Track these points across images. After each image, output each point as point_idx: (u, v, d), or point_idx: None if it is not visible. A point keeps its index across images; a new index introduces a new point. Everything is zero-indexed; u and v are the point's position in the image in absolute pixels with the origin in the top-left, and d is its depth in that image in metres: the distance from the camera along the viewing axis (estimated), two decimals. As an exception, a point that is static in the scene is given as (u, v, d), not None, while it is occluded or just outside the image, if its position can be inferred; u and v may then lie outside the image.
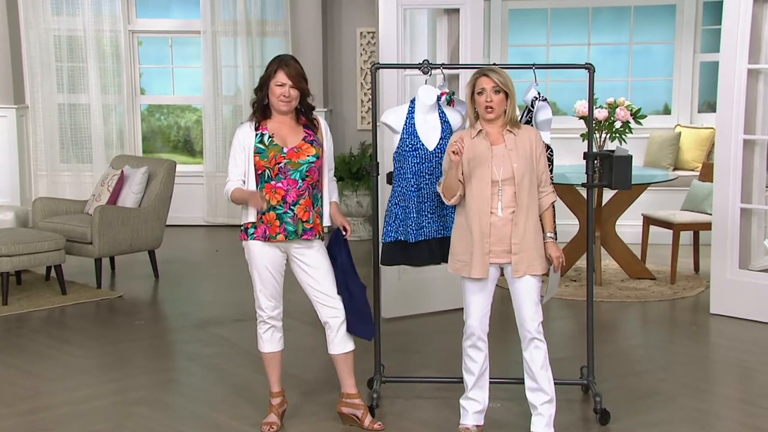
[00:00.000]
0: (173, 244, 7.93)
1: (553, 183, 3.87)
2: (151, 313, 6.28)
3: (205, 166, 9.17)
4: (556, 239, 3.82)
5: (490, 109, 3.70)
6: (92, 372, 4.92)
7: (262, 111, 3.87)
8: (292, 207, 3.81)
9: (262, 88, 3.87)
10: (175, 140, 10.15)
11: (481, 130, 3.76)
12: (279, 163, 3.79)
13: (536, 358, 3.77)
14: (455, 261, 3.85)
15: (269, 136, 3.82)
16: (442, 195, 3.86)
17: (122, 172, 6.90)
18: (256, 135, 3.83)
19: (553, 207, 3.83)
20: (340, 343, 3.96)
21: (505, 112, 3.73)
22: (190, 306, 6.31)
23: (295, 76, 3.81)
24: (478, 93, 3.73)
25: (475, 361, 3.87)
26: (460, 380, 4.56)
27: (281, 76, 3.80)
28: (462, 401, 3.95)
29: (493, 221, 3.70)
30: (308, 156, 3.83)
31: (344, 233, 3.95)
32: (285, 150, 3.80)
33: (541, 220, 3.79)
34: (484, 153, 3.72)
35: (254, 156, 3.81)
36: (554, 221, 3.83)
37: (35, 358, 5.08)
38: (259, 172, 3.82)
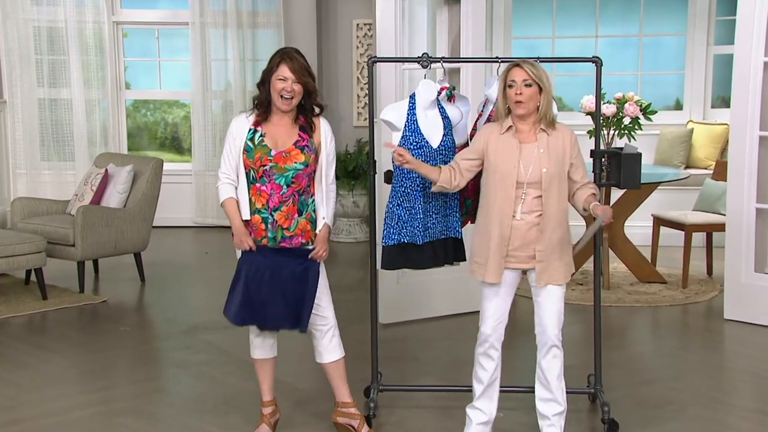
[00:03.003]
0: (160, 246, 7.94)
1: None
2: (136, 318, 6.28)
3: (194, 165, 9.19)
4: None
5: (520, 104, 3.63)
6: (74, 381, 4.92)
7: (264, 109, 3.82)
8: (272, 212, 3.79)
9: (264, 83, 3.81)
10: (162, 137, 10.16)
11: (511, 126, 3.71)
12: (264, 166, 3.76)
13: (554, 367, 3.77)
14: (473, 262, 3.83)
15: (261, 135, 3.79)
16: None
17: (106, 170, 6.90)
18: (250, 130, 3.81)
19: (595, 198, 3.73)
20: (326, 351, 3.95)
21: (538, 108, 3.65)
22: (178, 311, 6.31)
23: (298, 70, 3.75)
24: (509, 86, 3.66)
25: (486, 369, 3.85)
26: (461, 389, 4.58)
27: (283, 70, 3.75)
28: (468, 410, 3.95)
29: (515, 225, 3.67)
30: (296, 163, 3.78)
31: (313, 257, 3.84)
32: (273, 153, 3.77)
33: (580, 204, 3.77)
34: (511, 152, 3.67)
35: (242, 153, 3.79)
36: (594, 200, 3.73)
37: (14, 366, 5.08)
38: (245, 171, 3.80)
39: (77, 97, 8.96)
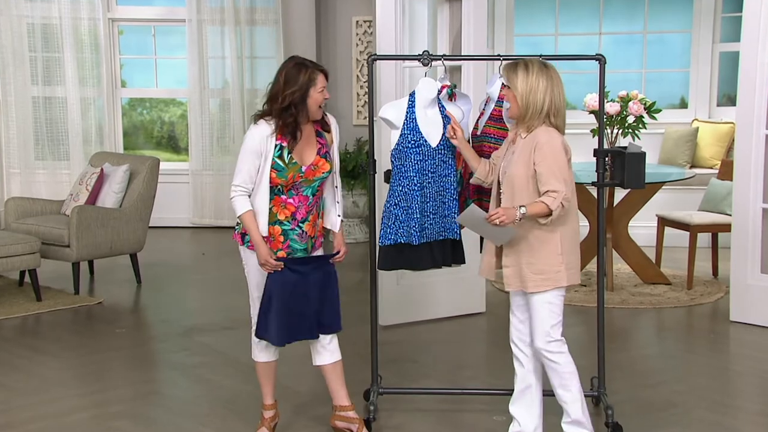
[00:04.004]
0: (156, 247, 7.94)
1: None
2: (132, 320, 6.28)
3: (191, 164, 9.19)
4: (520, 217, 3.54)
5: (507, 105, 3.71)
6: (69, 384, 4.92)
7: (293, 132, 3.73)
8: (300, 224, 3.82)
9: (297, 105, 3.71)
10: (158, 136, 10.17)
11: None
12: (295, 182, 3.79)
13: (552, 378, 3.76)
14: None
15: (289, 152, 3.75)
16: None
17: (102, 170, 6.91)
18: (276, 146, 3.74)
19: (549, 212, 3.53)
20: (327, 353, 3.97)
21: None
22: (175, 313, 6.31)
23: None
24: None
25: (516, 372, 3.88)
26: (462, 392, 4.59)
27: (323, 80, 3.75)
28: (509, 407, 3.96)
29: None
30: (323, 173, 3.83)
31: (335, 257, 3.92)
32: (303, 169, 3.78)
33: None
34: (503, 152, 3.78)
35: (271, 171, 3.74)
36: (539, 214, 3.54)
37: (7, 369, 5.08)
38: (271, 185, 3.78)
39: (72, 96, 8.96)
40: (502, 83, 3.71)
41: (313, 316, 3.87)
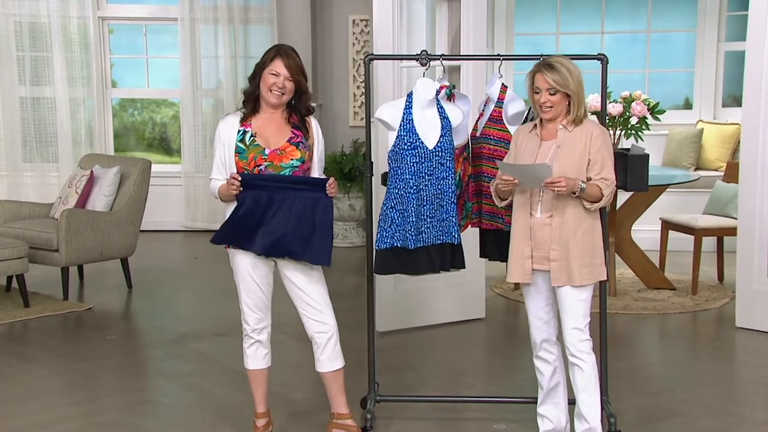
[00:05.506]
0: (148, 251, 7.94)
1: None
2: (123, 327, 6.28)
3: (183, 166, 9.19)
4: (580, 189, 3.63)
5: (547, 109, 3.72)
6: (57, 392, 4.91)
7: (252, 104, 3.88)
8: None
9: (255, 77, 3.88)
10: (149, 137, 10.16)
11: (536, 125, 3.81)
12: (259, 166, 3.80)
13: (577, 379, 3.78)
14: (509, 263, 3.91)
15: (251, 135, 3.83)
16: (494, 196, 3.90)
17: (92, 172, 6.90)
18: (239, 131, 3.84)
19: (601, 193, 3.66)
20: (328, 360, 3.97)
21: (569, 111, 3.71)
22: (167, 319, 6.31)
23: (293, 67, 3.83)
24: (535, 92, 3.73)
25: (543, 373, 3.92)
26: (461, 399, 4.59)
27: (277, 65, 3.82)
28: (537, 417, 4.00)
29: (532, 223, 3.75)
30: (291, 160, 3.83)
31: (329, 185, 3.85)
32: (267, 151, 3.81)
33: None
34: (531, 149, 3.78)
35: (234, 156, 3.82)
36: (591, 195, 3.66)
37: (-5, 376, 5.09)
38: (237, 172, 3.81)
39: (61, 96, 8.96)
40: (549, 90, 3.69)
41: (300, 237, 3.77)
